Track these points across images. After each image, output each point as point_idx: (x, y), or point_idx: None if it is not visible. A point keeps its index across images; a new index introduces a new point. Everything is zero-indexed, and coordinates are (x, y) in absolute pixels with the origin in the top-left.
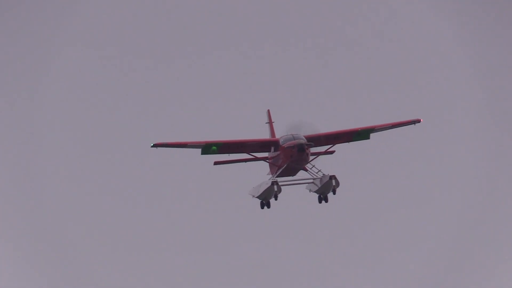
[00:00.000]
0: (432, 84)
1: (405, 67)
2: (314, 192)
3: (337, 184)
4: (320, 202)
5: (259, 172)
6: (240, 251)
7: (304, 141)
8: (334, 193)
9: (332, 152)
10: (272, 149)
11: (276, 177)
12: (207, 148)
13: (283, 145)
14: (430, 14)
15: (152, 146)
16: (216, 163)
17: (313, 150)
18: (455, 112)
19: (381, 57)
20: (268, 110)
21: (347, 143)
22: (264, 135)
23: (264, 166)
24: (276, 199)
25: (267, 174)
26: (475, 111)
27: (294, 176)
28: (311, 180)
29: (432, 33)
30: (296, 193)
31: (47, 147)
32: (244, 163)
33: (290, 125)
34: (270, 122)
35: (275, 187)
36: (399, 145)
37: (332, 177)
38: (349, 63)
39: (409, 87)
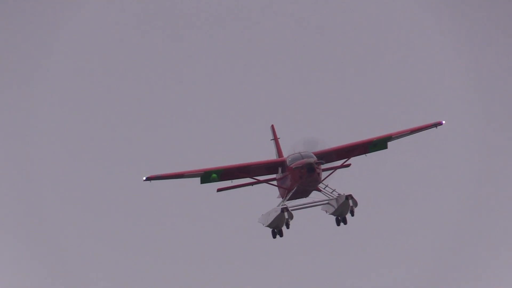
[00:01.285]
0: (443, 86)
1: (414, 70)
2: (331, 214)
3: (355, 204)
4: (338, 224)
5: (268, 195)
6: (255, 284)
7: (313, 159)
8: (353, 215)
9: (347, 166)
10: (280, 170)
11: (287, 201)
12: (207, 176)
13: (290, 166)
14: (432, 17)
15: (145, 180)
16: (219, 190)
17: (327, 166)
18: (476, 114)
19: (388, 63)
20: (272, 125)
21: (363, 156)
22: (270, 153)
23: (273, 188)
24: (288, 227)
25: (277, 197)
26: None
27: (306, 198)
28: (326, 202)
29: (434, 32)
30: (310, 216)
31: (42, 182)
32: (250, 186)
33: (297, 143)
34: (275, 139)
35: (286, 214)
36: (420, 152)
37: (349, 196)
38: (356, 71)
39: (423, 90)
